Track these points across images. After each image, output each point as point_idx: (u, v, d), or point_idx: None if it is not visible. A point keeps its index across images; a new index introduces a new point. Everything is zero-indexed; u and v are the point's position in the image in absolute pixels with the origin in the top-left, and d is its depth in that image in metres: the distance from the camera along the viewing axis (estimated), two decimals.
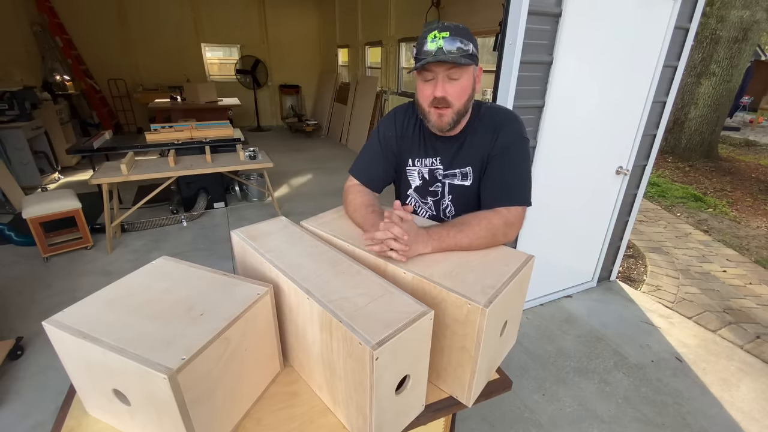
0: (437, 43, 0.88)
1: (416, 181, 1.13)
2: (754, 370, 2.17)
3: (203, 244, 3.44)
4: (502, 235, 0.94)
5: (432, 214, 1.16)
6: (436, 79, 0.93)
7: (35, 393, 1.91)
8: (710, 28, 5.81)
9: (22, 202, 2.98)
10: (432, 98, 0.95)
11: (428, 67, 0.91)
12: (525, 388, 2.00)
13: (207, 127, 4.17)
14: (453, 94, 0.94)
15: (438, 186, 1.11)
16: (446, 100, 0.94)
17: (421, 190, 1.14)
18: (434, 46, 0.88)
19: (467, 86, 0.95)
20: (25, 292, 2.69)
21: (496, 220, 0.94)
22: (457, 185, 1.08)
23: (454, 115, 0.97)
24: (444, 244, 0.89)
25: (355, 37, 7.57)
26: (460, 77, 0.93)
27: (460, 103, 0.96)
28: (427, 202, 1.15)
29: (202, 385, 0.65)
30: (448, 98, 0.94)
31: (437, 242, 0.89)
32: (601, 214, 2.61)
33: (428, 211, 1.16)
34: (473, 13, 4.33)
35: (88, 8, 6.66)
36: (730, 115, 9.39)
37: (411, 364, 0.72)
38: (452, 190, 1.09)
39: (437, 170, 1.09)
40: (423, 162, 1.10)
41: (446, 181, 1.09)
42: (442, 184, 1.10)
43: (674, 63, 2.29)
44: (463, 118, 1.01)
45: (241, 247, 0.96)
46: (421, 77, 0.95)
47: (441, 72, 0.92)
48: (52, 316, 0.70)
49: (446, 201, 1.11)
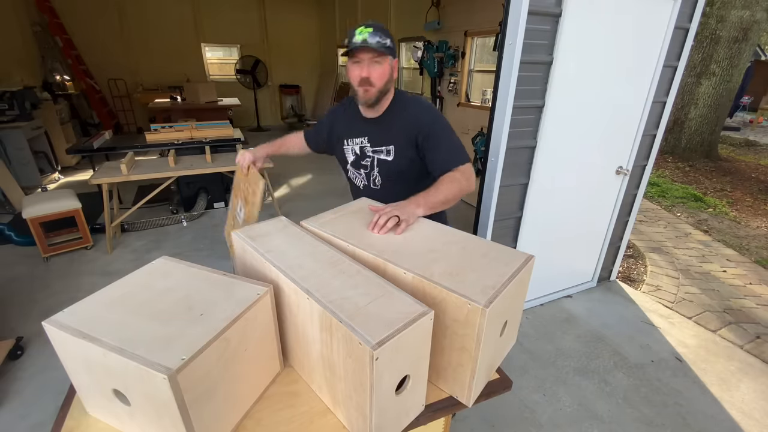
0: (363, 36, 1.12)
1: (351, 156, 1.39)
2: (754, 370, 2.17)
3: (203, 244, 3.44)
4: (465, 184, 1.19)
5: (365, 184, 1.40)
6: (363, 63, 1.17)
7: (35, 393, 1.91)
8: (710, 28, 5.81)
9: (22, 202, 2.99)
10: (360, 78, 1.18)
11: (357, 54, 1.16)
12: (525, 388, 2.00)
13: (207, 127, 4.17)
14: (375, 76, 1.18)
15: (367, 160, 1.35)
16: (369, 80, 1.18)
17: (355, 164, 1.40)
18: (360, 38, 1.13)
19: (386, 71, 1.20)
20: (25, 292, 2.69)
21: (457, 175, 1.19)
22: (381, 159, 1.32)
23: (377, 93, 1.21)
24: (429, 203, 1.10)
25: None
26: (380, 63, 1.18)
27: (381, 83, 1.20)
28: (360, 173, 1.40)
29: (202, 385, 0.65)
30: (371, 79, 1.18)
31: (424, 202, 1.10)
32: (601, 214, 2.61)
33: (362, 180, 1.40)
34: (473, 13, 4.32)
35: (88, 8, 6.66)
36: (730, 115, 9.38)
37: (411, 364, 0.72)
38: (379, 164, 1.33)
39: (366, 147, 1.33)
40: (354, 141, 1.36)
41: (375, 156, 1.33)
42: (371, 158, 1.34)
43: (674, 63, 2.29)
44: (384, 98, 1.25)
45: (241, 247, 0.96)
46: (351, 61, 1.19)
47: (366, 58, 1.16)
48: (52, 316, 0.70)
49: (375, 172, 1.35)
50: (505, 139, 1.99)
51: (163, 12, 7.32)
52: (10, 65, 5.26)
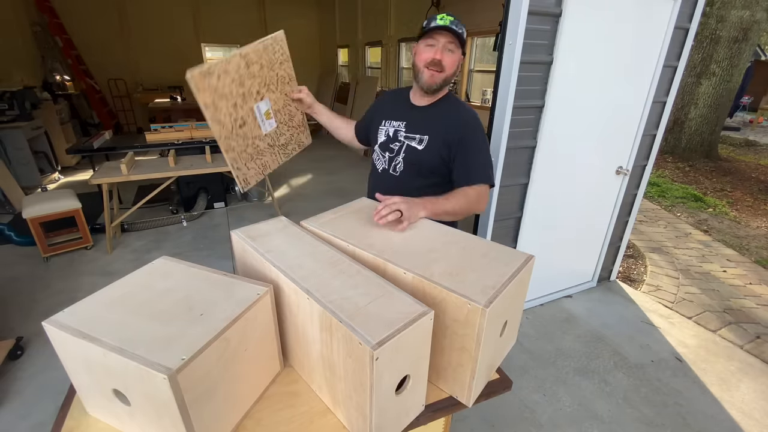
0: (445, 20, 1.15)
1: (381, 137, 1.36)
2: (754, 370, 2.17)
3: (203, 244, 3.44)
4: (475, 204, 1.20)
5: (384, 168, 1.36)
6: (437, 46, 1.18)
7: (35, 393, 1.91)
8: (710, 28, 5.81)
9: (22, 202, 2.99)
10: (431, 60, 1.18)
11: (434, 35, 1.17)
12: (525, 388, 2.00)
13: (207, 127, 4.14)
14: (448, 62, 1.19)
15: (396, 144, 1.32)
16: (441, 64, 1.18)
17: (383, 146, 1.36)
18: (442, 22, 1.15)
19: (456, 61, 1.22)
20: (25, 292, 2.68)
21: (471, 192, 1.20)
22: (411, 147, 1.29)
23: (443, 79, 1.21)
24: (436, 209, 1.10)
25: (355, 37, 7.57)
26: (453, 52, 1.19)
27: (450, 71, 1.21)
28: (384, 156, 1.36)
29: (202, 385, 0.65)
30: (443, 62, 1.18)
31: (431, 206, 1.10)
32: (601, 214, 2.61)
33: (384, 163, 1.36)
34: (473, 13, 4.33)
35: (88, 8, 6.66)
36: (730, 115, 9.38)
37: (411, 364, 0.72)
38: (406, 150, 1.30)
39: (400, 132, 1.32)
40: (392, 123, 1.34)
41: (405, 141, 1.30)
42: (401, 143, 1.31)
43: (674, 63, 2.29)
44: (443, 89, 1.26)
45: (241, 247, 0.96)
46: (425, 42, 1.20)
47: (442, 41, 1.17)
48: (52, 316, 0.70)
49: (399, 158, 1.32)
50: (505, 139, 1.99)
51: (163, 12, 7.32)
52: (10, 65, 5.26)
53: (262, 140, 1.22)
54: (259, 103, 1.17)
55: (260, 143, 1.22)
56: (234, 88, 1.07)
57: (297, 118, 1.38)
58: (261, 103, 1.18)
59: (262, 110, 1.19)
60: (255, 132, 1.19)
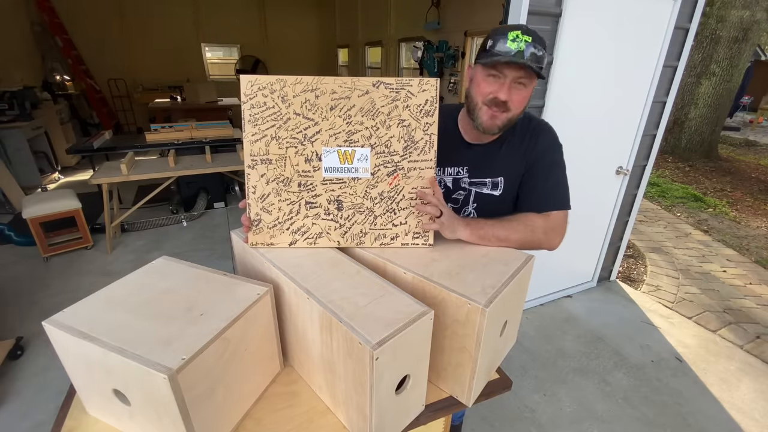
0: (519, 44, 0.83)
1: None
2: (754, 370, 2.17)
3: (203, 244, 3.44)
4: (542, 235, 0.96)
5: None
6: (504, 80, 0.87)
7: (35, 393, 1.91)
8: (710, 28, 5.81)
9: (22, 202, 2.99)
10: (493, 97, 0.89)
11: (500, 68, 0.86)
12: (525, 388, 2.00)
13: (207, 127, 4.17)
14: (516, 101, 0.90)
15: (460, 193, 1.07)
16: (507, 104, 0.90)
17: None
18: (515, 47, 0.83)
19: (528, 96, 0.91)
20: (25, 292, 2.69)
21: (537, 220, 0.96)
22: (485, 194, 1.04)
23: (506, 121, 0.93)
24: (482, 231, 0.89)
25: (355, 37, 7.58)
26: (527, 85, 0.89)
27: (518, 110, 0.92)
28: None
29: (202, 385, 0.65)
30: (509, 103, 0.89)
31: (475, 227, 0.89)
32: (601, 214, 2.61)
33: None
34: (473, 13, 4.33)
35: (88, 8, 6.66)
36: (730, 115, 9.38)
37: (411, 364, 0.72)
38: (478, 198, 1.05)
39: (462, 179, 1.05)
40: (447, 171, 1.06)
41: (473, 189, 1.05)
42: (467, 192, 1.06)
43: (674, 63, 2.29)
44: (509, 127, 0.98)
45: (241, 247, 0.96)
46: (486, 72, 0.89)
47: (511, 75, 0.86)
48: (52, 316, 0.70)
49: (470, 209, 1.07)
50: None
51: (163, 12, 7.32)
52: (10, 65, 5.26)
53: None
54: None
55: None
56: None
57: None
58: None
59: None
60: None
